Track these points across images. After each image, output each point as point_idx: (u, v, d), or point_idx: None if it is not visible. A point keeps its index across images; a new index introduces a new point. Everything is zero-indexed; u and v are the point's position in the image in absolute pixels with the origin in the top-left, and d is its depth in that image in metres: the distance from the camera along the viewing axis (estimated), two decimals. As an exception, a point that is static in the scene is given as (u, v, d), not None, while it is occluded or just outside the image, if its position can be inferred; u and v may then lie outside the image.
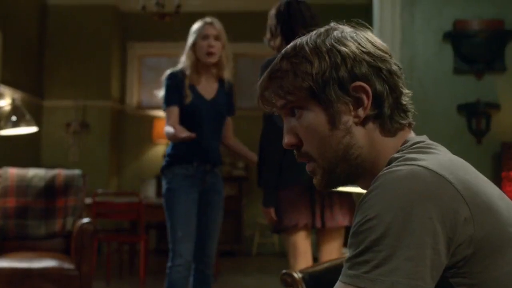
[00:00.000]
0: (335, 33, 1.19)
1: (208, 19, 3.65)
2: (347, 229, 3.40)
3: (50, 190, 4.58)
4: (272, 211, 3.16)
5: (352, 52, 1.16)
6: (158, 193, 7.79)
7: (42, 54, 8.39)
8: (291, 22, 3.16)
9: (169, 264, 3.53)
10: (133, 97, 9.04)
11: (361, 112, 1.15)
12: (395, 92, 1.17)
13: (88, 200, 5.68)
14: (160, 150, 8.77)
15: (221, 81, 3.70)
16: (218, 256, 6.46)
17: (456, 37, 4.73)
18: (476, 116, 4.68)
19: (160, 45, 8.92)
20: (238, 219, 8.48)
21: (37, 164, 7.66)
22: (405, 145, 1.16)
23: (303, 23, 3.12)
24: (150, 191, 7.63)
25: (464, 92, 4.73)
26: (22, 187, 4.55)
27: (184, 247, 3.48)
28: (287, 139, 1.22)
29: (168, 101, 3.56)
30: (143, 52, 9.11)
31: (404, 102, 1.18)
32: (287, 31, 3.16)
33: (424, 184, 1.02)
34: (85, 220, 4.37)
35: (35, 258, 4.18)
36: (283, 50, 1.23)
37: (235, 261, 7.96)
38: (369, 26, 1.23)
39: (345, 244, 4.58)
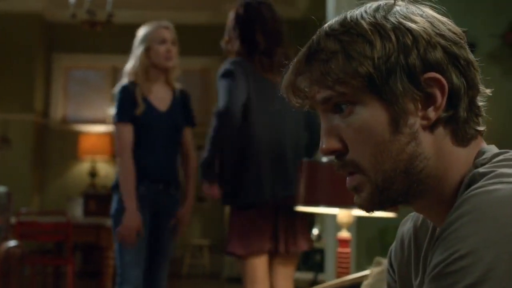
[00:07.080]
0: (398, 7, 0.92)
1: (163, 23, 3.38)
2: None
3: (-28, 209, 4.17)
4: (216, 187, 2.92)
5: (426, 32, 0.90)
6: (86, 212, 7.41)
7: (-40, 63, 7.92)
8: (249, 25, 2.96)
9: (117, 289, 3.21)
10: (58, 111, 8.63)
11: (431, 113, 0.90)
12: (472, 90, 0.92)
13: (11, 220, 5.25)
14: (85, 167, 8.41)
15: (173, 91, 3.43)
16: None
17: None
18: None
19: (89, 57, 8.61)
20: (169, 240, 8.17)
21: (-48, 181, 7.16)
22: (482, 157, 0.91)
23: (263, 26, 2.94)
24: (77, 210, 7.21)
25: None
26: None
27: (132, 273, 3.17)
28: (326, 144, 0.93)
29: (121, 114, 3.25)
30: (70, 64, 8.74)
31: (479, 104, 0.93)
32: (245, 34, 2.95)
33: None
34: (12, 243, 3.99)
35: (-46, 285, 3.77)
36: (326, 26, 0.95)
37: (166, 284, 7.63)
38: (437, 6, 0.96)
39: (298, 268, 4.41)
